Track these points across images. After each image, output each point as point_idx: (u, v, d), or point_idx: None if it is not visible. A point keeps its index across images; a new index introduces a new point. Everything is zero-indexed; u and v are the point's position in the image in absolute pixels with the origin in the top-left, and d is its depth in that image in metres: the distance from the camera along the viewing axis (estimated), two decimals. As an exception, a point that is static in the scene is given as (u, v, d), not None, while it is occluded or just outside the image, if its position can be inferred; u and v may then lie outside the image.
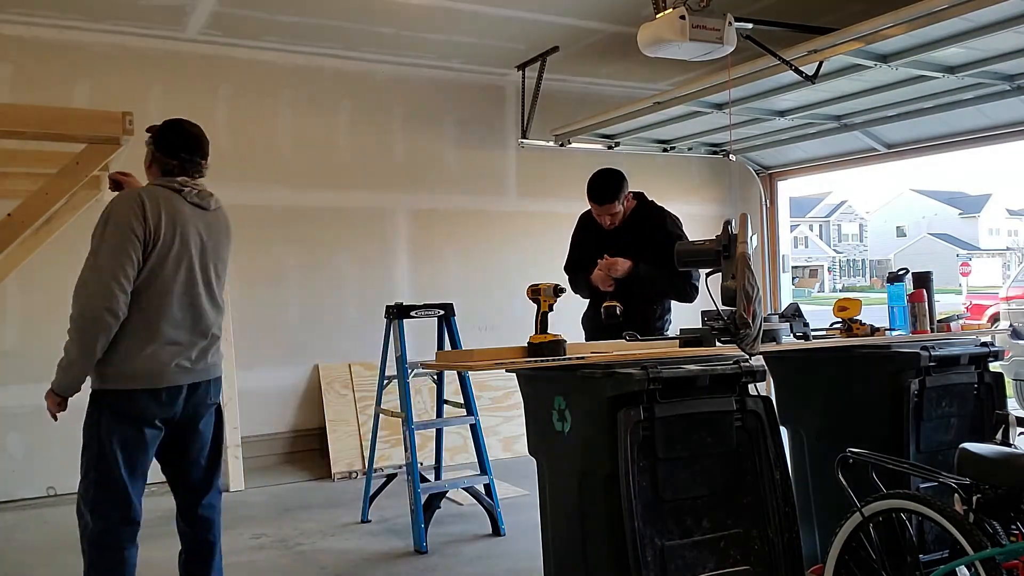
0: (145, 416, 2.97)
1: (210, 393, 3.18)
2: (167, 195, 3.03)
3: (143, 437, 3.00)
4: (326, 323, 6.85)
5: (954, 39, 4.70)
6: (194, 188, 3.10)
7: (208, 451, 3.25)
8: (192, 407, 3.10)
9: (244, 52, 6.57)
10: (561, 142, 7.29)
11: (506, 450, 6.92)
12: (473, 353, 2.99)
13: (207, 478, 3.26)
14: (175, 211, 3.01)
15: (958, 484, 2.58)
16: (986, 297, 15.54)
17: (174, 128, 3.16)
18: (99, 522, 2.96)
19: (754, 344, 2.97)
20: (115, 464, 2.94)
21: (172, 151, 3.10)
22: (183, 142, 3.12)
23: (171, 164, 3.09)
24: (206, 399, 3.16)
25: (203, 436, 3.21)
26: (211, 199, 3.18)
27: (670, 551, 2.66)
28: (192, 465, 3.23)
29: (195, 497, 3.25)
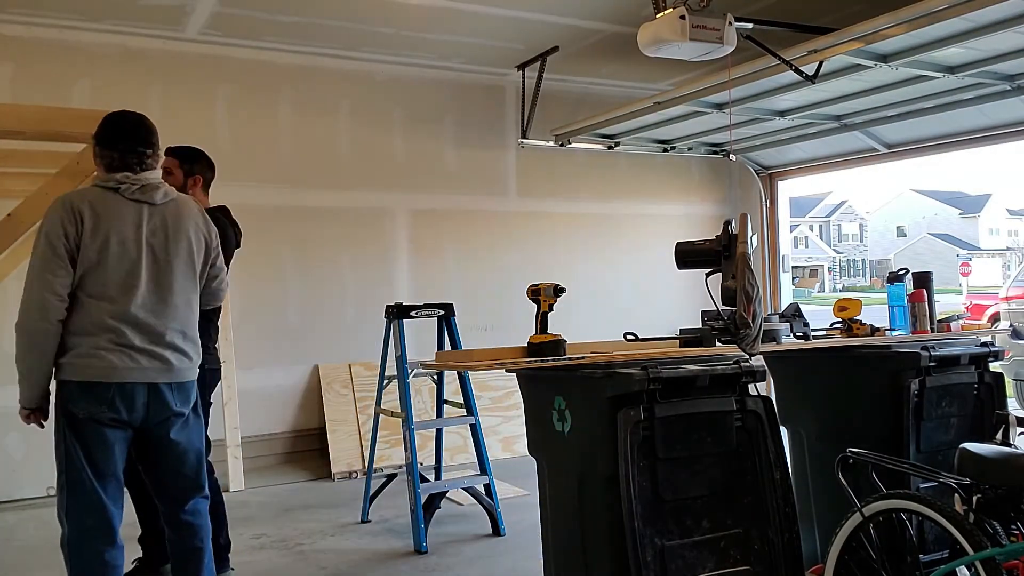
0: (97, 413, 2.86)
1: (173, 399, 2.99)
2: (101, 194, 2.93)
3: (103, 437, 2.89)
4: (326, 323, 6.86)
5: (954, 39, 4.70)
6: (134, 183, 2.95)
7: (188, 460, 3.10)
8: (156, 412, 2.95)
9: (244, 52, 6.57)
10: (561, 142, 7.30)
11: (506, 450, 6.92)
12: (473, 353, 2.99)
13: (189, 487, 3.13)
14: (108, 210, 2.90)
15: (958, 484, 2.58)
16: (986, 297, 15.53)
17: (110, 120, 3.03)
18: (73, 528, 2.88)
19: (754, 344, 2.97)
20: (80, 466, 2.86)
21: (110, 143, 2.98)
22: (119, 133, 2.99)
23: (111, 157, 2.97)
24: (171, 405, 2.98)
25: (178, 446, 3.05)
26: (156, 192, 3.00)
27: (670, 551, 2.66)
28: (169, 475, 3.10)
29: (177, 505, 3.13)
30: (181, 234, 3.04)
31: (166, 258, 2.99)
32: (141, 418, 2.93)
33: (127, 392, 2.88)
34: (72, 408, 2.86)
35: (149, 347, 2.92)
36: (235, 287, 6.51)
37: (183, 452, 3.07)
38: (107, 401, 2.86)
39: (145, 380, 2.91)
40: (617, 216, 8.20)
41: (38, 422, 3.02)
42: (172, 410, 2.99)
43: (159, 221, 2.99)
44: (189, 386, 3.06)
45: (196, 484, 3.14)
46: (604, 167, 8.11)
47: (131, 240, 2.92)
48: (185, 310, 3.04)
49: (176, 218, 3.04)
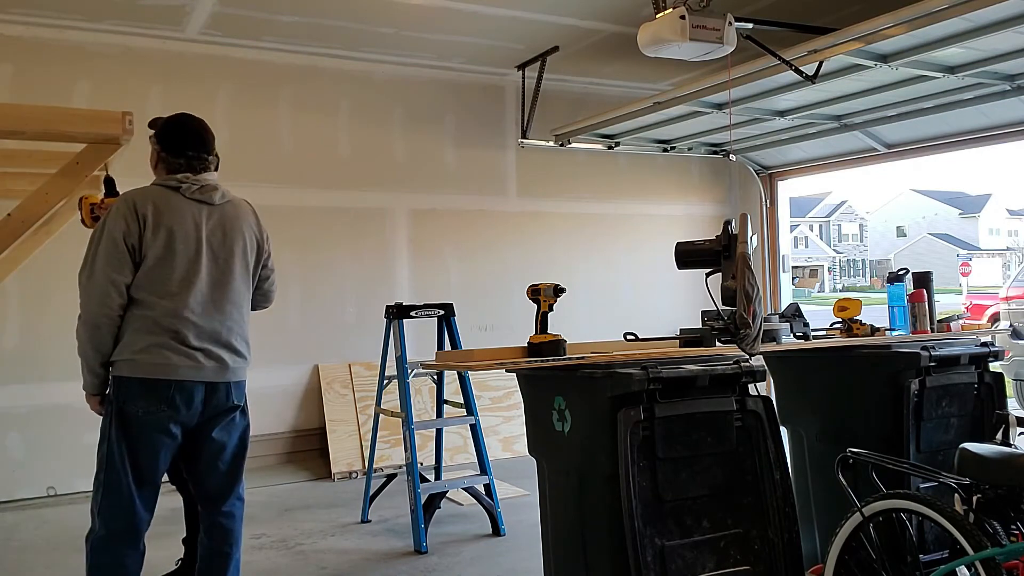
0: (155, 411, 2.88)
1: (231, 397, 3.05)
2: (162, 193, 3.00)
3: (152, 442, 2.91)
4: (326, 323, 6.86)
5: (954, 39, 4.71)
6: (194, 183, 3.03)
7: (229, 458, 3.12)
8: (211, 411, 3.00)
9: (244, 52, 6.57)
10: (561, 142, 7.29)
11: (506, 450, 6.92)
12: (473, 353, 2.99)
13: (226, 485, 3.13)
14: (171, 209, 2.96)
15: (958, 484, 2.58)
16: (986, 297, 15.54)
17: (178, 126, 3.14)
18: (102, 528, 2.90)
19: (754, 344, 2.97)
20: (121, 469, 2.87)
21: (178, 150, 3.08)
22: (188, 140, 3.10)
23: (177, 163, 3.06)
24: (225, 403, 3.04)
25: (218, 443, 3.07)
26: (215, 193, 3.08)
27: (670, 551, 2.66)
28: (208, 471, 3.10)
29: (212, 505, 3.14)
30: (237, 234, 3.10)
31: (224, 257, 3.05)
32: (197, 416, 2.97)
33: (186, 390, 2.91)
34: (128, 407, 2.88)
35: (207, 346, 2.96)
36: (235, 287, 6.52)
37: (222, 449, 3.08)
38: (167, 399, 2.88)
39: (203, 379, 2.95)
40: (617, 216, 8.20)
41: (97, 409, 3.02)
42: (224, 408, 3.04)
43: (217, 221, 3.05)
44: (242, 385, 3.11)
45: (232, 484, 3.14)
46: (604, 167, 8.11)
47: (191, 238, 2.97)
48: (240, 310, 3.10)
49: (233, 218, 3.11)
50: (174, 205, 2.99)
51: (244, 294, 3.13)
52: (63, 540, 4.84)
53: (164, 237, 2.93)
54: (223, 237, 3.06)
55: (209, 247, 3.02)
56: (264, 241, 3.26)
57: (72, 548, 3.88)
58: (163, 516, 5.11)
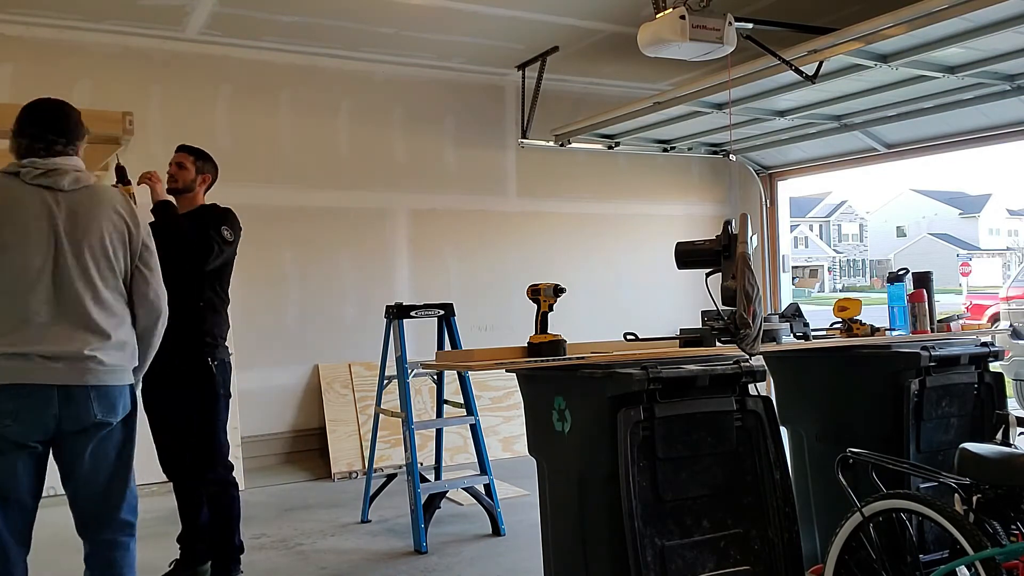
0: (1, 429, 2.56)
1: (92, 408, 2.65)
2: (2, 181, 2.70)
3: (5, 461, 2.59)
4: (326, 323, 6.85)
5: (954, 39, 4.70)
6: (37, 168, 2.69)
7: (105, 479, 2.74)
8: (72, 420, 2.62)
9: (244, 52, 6.57)
10: (561, 142, 7.29)
11: (506, 450, 6.92)
12: (473, 353, 2.99)
13: (103, 511, 2.76)
14: (7, 198, 2.66)
15: (958, 484, 2.58)
16: (986, 297, 15.54)
17: (27, 108, 2.83)
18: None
19: (754, 344, 2.97)
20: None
21: (20, 129, 2.77)
22: (31, 118, 2.78)
23: (19, 144, 2.75)
24: (87, 414, 2.64)
25: (89, 462, 2.70)
26: (63, 177, 2.71)
27: (670, 551, 2.66)
28: (80, 494, 2.74)
29: (87, 532, 2.78)
30: (93, 223, 2.73)
31: (75, 251, 2.69)
32: (53, 426, 2.62)
33: (33, 397, 2.58)
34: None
35: (54, 348, 2.61)
36: (235, 287, 6.48)
37: (93, 470, 2.72)
38: (10, 411, 2.56)
39: (52, 382, 2.60)
40: (617, 216, 8.20)
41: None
42: (90, 422, 2.67)
43: (68, 209, 2.70)
44: (113, 393, 2.71)
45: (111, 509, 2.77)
46: (604, 167, 8.11)
47: (30, 229, 2.65)
48: (104, 307, 2.72)
49: (89, 206, 2.75)
50: (13, 194, 2.66)
51: (108, 290, 2.75)
52: (61, 540, 4.82)
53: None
54: (74, 226, 2.70)
55: (56, 237, 2.66)
56: (134, 232, 2.83)
57: (70, 548, 3.86)
58: (163, 516, 5.12)
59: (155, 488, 5.90)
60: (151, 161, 5.97)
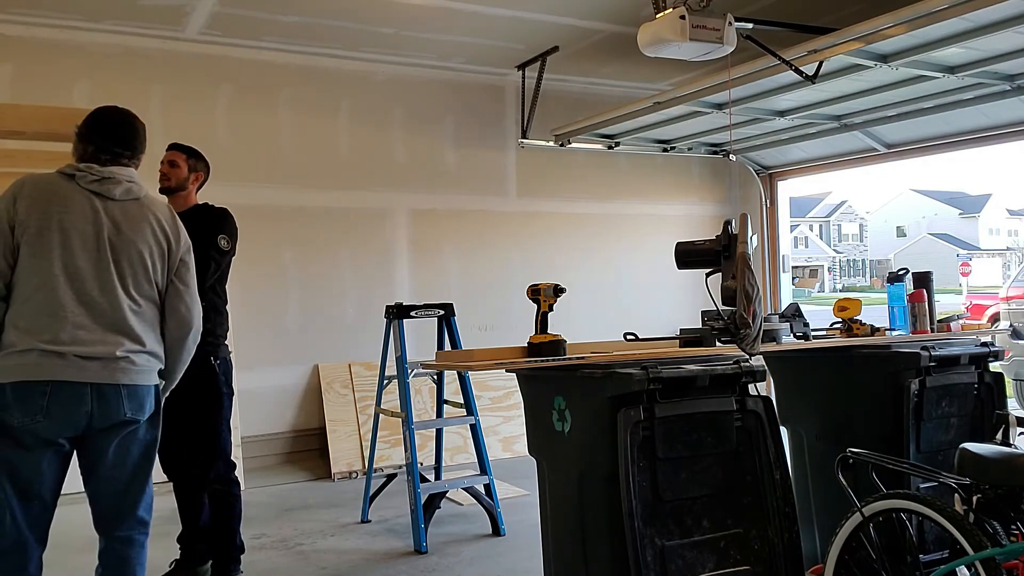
0: (29, 427, 2.60)
1: (123, 405, 2.71)
2: (53, 180, 2.76)
3: (31, 457, 2.64)
4: (326, 323, 6.86)
5: (954, 39, 4.71)
6: (93, 174, 2.76)
7: (127, 476, 2.80)
8: (102, 417, 2.68)
9: (244, 52, 6.57)
10: (561, 142, 7.30)
11: (506, 450, 6.92)
12: (473, 353, 2.99)
13: (122, 507, 2.81)
14: (58, 198, 2.71)
15: (958, 484, 2.58)
16: (986, 297, 15.54)
17: (97, 114, 2.92)
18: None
19: (754, 344, 2.97)
20: (3, 487, 2.62)
21: (87, 135, 2.85)
22: (99, 128, 2.86)
23: (84, 149, 2.83)
24: (118, 412, 2.70)
25: (112, 459, 2.76)
26: (116, 187, 2.78)
27: (670, 551, 2.66)
28: (101, 490, 2.80)
29: (105, 528, 2.82)
30: (137, 233, 2.80)
31: (116, 257, 2.75)
32: (84, 423, 2.67)
33: (64, 393, 2.62)
34: (3, 416, 2.61)
35: (88, 346, 2.66)
36: (235, 287, 6.49)
37: (116, 466, 2.78)
38: (42, 407, 2.60)
39: (85, 379, 2.65)
40: (617, 216, 8.20)
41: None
42: (118, 419, 2.72)
43: (114, 217, 2.77)
44: (141, 392, 2.77)
45: (131, 506, 2.82)
46: (604, 167, 8.11)
47: (78, 231, 2.70)
48: (138, 315, 2.78)
49: (136, 217, 2.82)
50: (63, 193, 2.73)
51: (142, 299, 2.80)
52: (63, 540, 4.83)
53: (40, 225, 2.67)
54: (118, 235, 2.76)
55: (99, 243, 2.73)
56: (174, 248, 2.91)
57: (72, 548, 3.88)
58: (163, 516, 5.11)
59: (155, 488, 5.90)
60: (151, 161, 5.99)
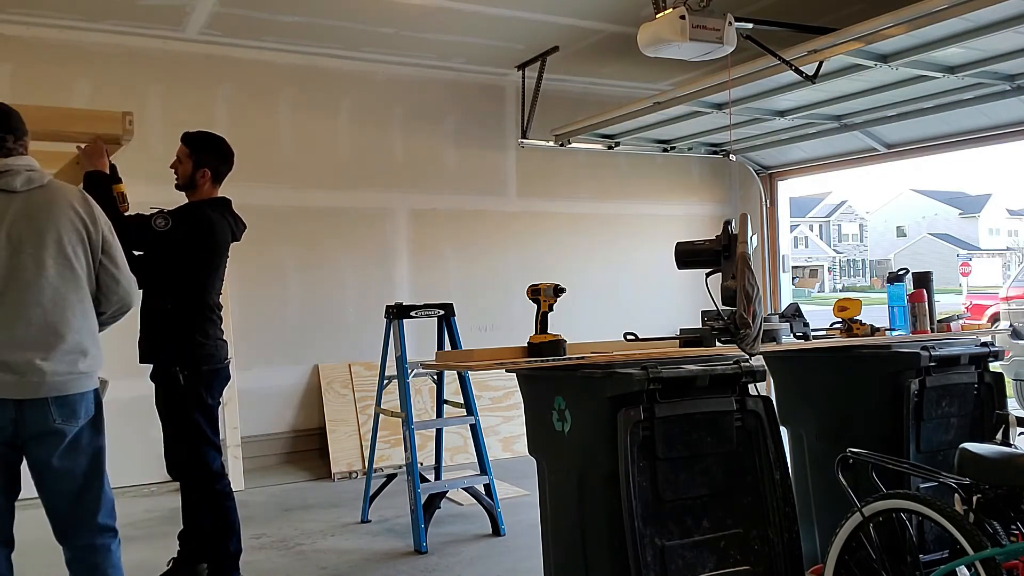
0: None
1: (51, 414, 2.60)
2: None
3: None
4: (326, 323, 6.85)
5: (954, 39, 4.70)
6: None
7: (76, 488, 2.70)
8: (31, 426, 2.60)
9: (244, 52, 6.57)
10: (561, 142, 7.29)
11: (506, 450, 6.92)
12: (473, 353, 2.99)
13: (77, 517, 2.72)
14: None
15: (958, 484, 2.58)
16: (986, 297, 15.55)
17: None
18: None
19: (754, 344, 2.97)
20: None
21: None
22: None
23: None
24: (49, 423, 2.60)
25: (57, 470, 2.67)
26: (15, 178, 2.66)
27: (670, 551, 2.66)
28: (52, 501, 2.73)
29: (64, 538, 2.76)
30: (48, 222, 2.67)
31: (31, 251, 2.64)
32: (10, 437, 2.59)
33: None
34: None
35: (6, 357, 2.57)
36: (235, 287, 6.53)
37: (61, 477, 2.70)
38: None
39: (16, 397, 2.55)
40: (617, 216, 8.20)
41: None
42: (50, 430, 2.62)
43: (21, 210, 2.65)
44: (76, 401, 2.65)
45: (86, 515, 2.73)
46: (604, 167, 8.11)
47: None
48: (64, 310, 2.67)
49: (45, 205, 2.70)
50: None
51: (67, 292, 2.69)
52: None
53: None
54: (27, 227, 2.64)
55: (9, 240, 2.61)
56: (93, 228, 2.77)
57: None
58: (163, 516, 5.12)
59: (155, 488, 5.91)
60: (151, 161, 5.99)
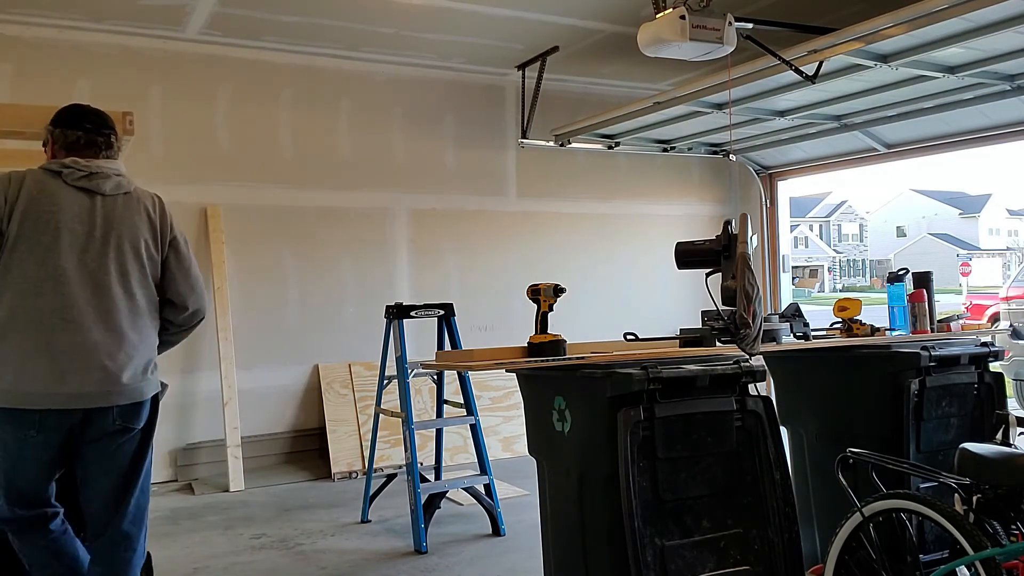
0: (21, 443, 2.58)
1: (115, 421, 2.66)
2: (40, 177, 2.67)
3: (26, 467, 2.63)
4: (326, 323, 6.85)
5: (954, 39, 4.70)
6: (80, 170, 2.68)
7: (110, 486, 2.73)
8: (92, 434, 2.65)
9: (244, 52, 6.57)
10: (561, 142, 7.29)
11: (506, 450, 6.91)
12: (473, 353, 2.99)
13: (109, 515, 2.73)
14: (45, 194, 2.62)
15: (958, 484, 2.58)
16: (986, 297, 15.56)
17: (71, 107, 2.87)
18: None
19: (754, 344, 2.97)
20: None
21: (69, 123, 2.77)
22: (77, 117, 2.80)
23: (73, 136, 2.74)
24: (110, 426, 2.65)
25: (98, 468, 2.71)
26: (105, 182, 2.71)
27: (670, 551, 2.66)
28: (89, 499, 2.75)
29: (94, 537, 2.76)
30: (125, 229, 2.72)
31: (113, 256, 2.68)
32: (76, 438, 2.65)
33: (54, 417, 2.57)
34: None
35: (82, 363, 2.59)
36: (235, 287, 6.54)
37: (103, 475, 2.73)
38: (35, 424, 2.55)
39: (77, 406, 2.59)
40: (617, 216, 8.20)
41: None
42: (110, 431, 2.68)
43: (106, 214, 2.69)
44: (137, 408, 2.71)
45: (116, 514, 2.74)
46: (604, 167, 8.11)
47: (66, 231, 2.62)
48: (136, 319, 2.71)
49: (125, 212, 2.74)
50: (50, 191, 2.63)
51: (138, 303, 2.72)
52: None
53: (29, 226, 2.57)
54: (108, 233, 2.68)
55: (92, 244, 2.64)
56: (161, 236, 2.81)
57: (72, 548, 3.88)
58: (164, 516, 5.12)
59: (155, 488, 5.91)
60: (151, 161, 6.00)
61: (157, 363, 2.82)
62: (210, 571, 4.24)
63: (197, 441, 6.34)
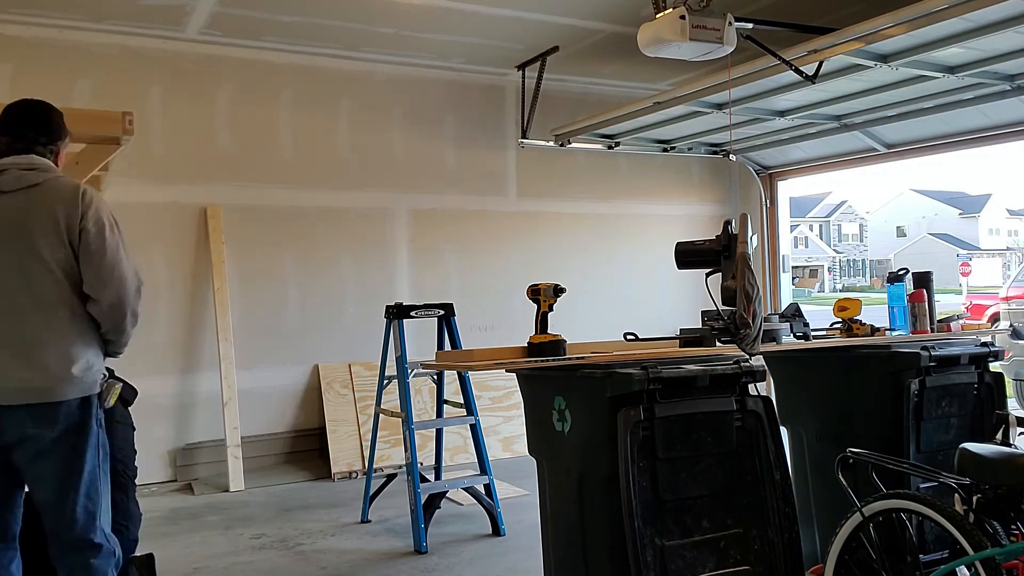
0: None
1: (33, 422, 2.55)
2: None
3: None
4: (326, 323, 6.85)
5: (954, 39, 4.70)
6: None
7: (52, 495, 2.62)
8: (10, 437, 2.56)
9: (244, 52, 6.57)
10: (561, 142, 7.29)
11: (506, 450, 6.91)
12: (473, 353, 2.99)
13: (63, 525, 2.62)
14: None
15: (958, 484, 2.58)
16: (986, 297, 15.56)
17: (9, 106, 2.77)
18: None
19: (754, 344, 2.97)
20: None
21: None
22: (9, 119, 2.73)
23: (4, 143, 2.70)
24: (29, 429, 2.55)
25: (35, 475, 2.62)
26: (5, 177, 2.63)
27: (670, 551, 2.66)
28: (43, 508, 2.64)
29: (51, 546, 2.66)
30: (36, 222, 2.60)
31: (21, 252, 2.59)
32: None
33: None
34: None
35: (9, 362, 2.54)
36: (235, 287, 6.53)
37: (41, 483, 2.63)
38: None
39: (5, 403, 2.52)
40: (617, 216, 8.20)
41: None
42: (29, 435, 2.57)
43: (17, 208, 2.61)
44: (58, 409, 2.58)
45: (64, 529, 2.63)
46: (604, 167, 8.11)
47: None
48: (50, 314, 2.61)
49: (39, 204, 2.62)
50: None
51: (46, 299, 2.60)
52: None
53: None
54: (20, 227, 2.57)
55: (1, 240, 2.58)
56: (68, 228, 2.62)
57: (72, 548, 3.87)
58: (163, 516, 5.12)
59: (155, 488, 5.92)
60: (151, 161, 6.00)
61: (93, 364, 2.68)
62: (210, 571, 4.24)
63: (197, 441, 6.34)
